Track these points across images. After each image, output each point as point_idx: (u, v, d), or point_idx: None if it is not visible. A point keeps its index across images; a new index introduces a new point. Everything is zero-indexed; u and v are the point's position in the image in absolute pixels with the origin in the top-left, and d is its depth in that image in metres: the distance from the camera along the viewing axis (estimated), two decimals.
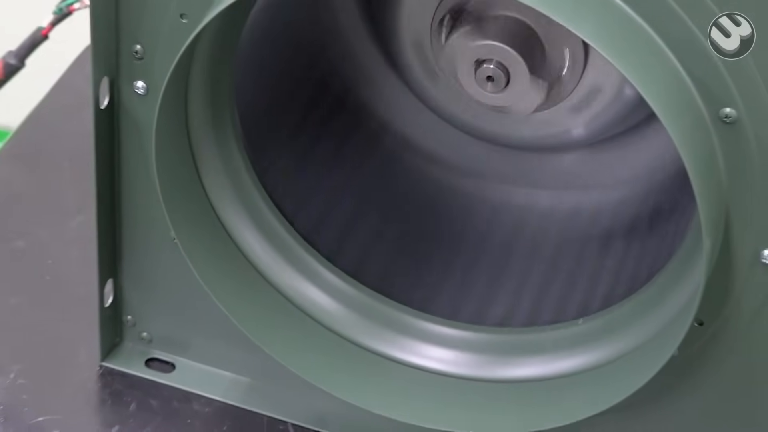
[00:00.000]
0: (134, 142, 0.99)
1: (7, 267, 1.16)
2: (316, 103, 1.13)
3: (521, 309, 1.05)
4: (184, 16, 0.91)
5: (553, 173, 1.12)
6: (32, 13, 1.20)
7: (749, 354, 0.92)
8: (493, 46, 0.94)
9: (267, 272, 1.03)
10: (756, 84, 0.82)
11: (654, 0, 0.81)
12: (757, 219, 0.86)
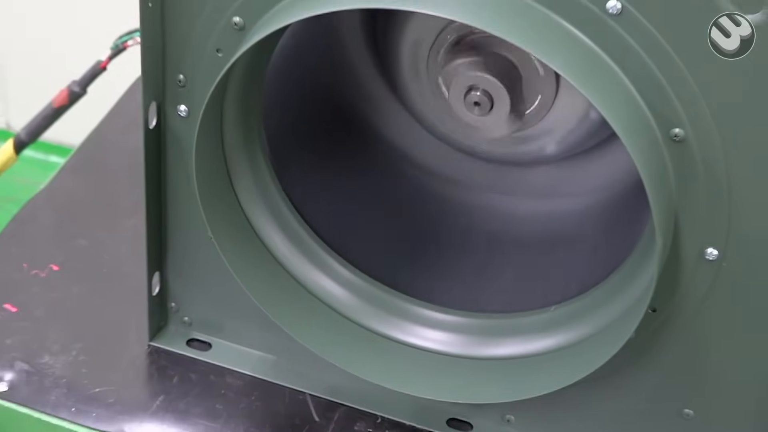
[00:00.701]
0: (177, 157, 0.99)
1: (71, 261, 1.16)
2: (331, 124, 1.12)
3: (503, 297, 1.05)
4: (220, 51, 0.92)
5: (530, 183, 1.12)
6: (93, 49, 1.20)
7: (695, 336, 0.92)
8: (481, 77, 0.94)
9: (288, 265, 1.03)
10: (701, 108, 0.82)
11: (614, 36, 0.81)
12: (701, 223, 0.86)
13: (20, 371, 1.04)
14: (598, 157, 1.07)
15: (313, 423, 1.03)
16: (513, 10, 0.83)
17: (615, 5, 0.80)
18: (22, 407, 1.02)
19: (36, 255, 1.16)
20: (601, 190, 1.08)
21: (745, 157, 0.83)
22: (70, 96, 1.25)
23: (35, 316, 1.10)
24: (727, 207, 0.85)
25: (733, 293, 0.89)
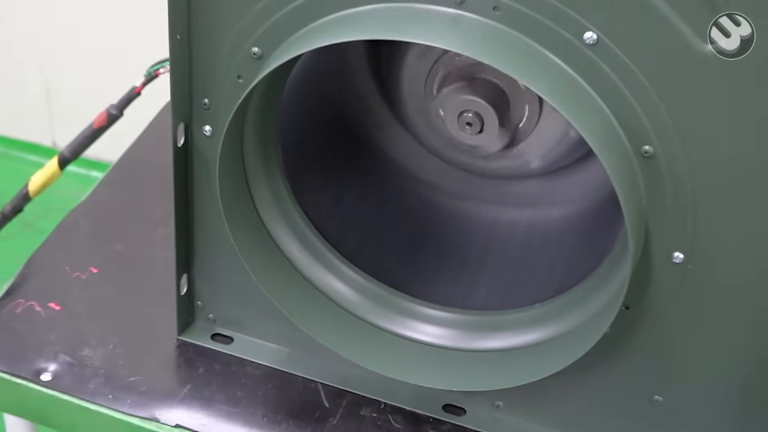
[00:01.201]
0: (203, 172, 0.99)
1: (108, 265, 1.16)
2: (340, 143, 1.12)
3: (492, 296, 1.04)
4: (240, 77, 0.92)
5: (517, 195, 1.11)
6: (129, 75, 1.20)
7: (663, 330, 0.92)
8: (472, 101, 0.95)
9: (302, 268, 1.03)
10: (668, 127, 0.82)
11: (590, 64, 0.82)
12: (669, 229, 0.86)
13: (63, 363, 1.05)
14: (577, 172, 1.07)
15: (323, 408, 1.03)
16: (500, 41, 0.83)
17: (591, 36, 0.81)
18: (65, 395, 1.02)
19: (77, 259, 1.16)
20: (580, 200, 1.07)
21: (707, 171, 0.83)
22: (109, 118, 1.25)
23: (76, 313, 1.10)
24: (692, 215, 0.85)
25: (697, 292, 0.89)
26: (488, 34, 0.83)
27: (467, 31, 0.83)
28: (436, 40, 0.84)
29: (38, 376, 1.03)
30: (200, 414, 1.01)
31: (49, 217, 1.24)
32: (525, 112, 0.98)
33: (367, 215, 1.11)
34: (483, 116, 0.95)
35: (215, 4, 0.90)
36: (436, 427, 1.02)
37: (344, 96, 1.11)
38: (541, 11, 0.81)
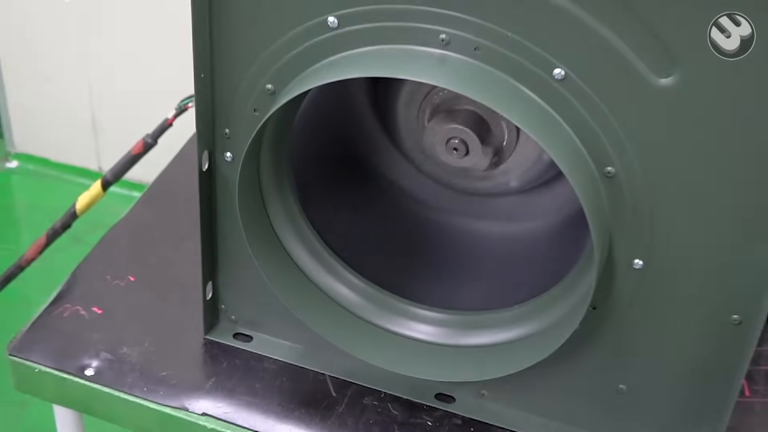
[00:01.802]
0: (225, 193, 0.99)
1: (144, 274, 1.16)
2: (344, 167, 1.12)
3: (477, 299, 1.04)
4: (256, 111, 0.92)
5: (498, 210, 1.11)
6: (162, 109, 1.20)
7: (626, 328, 0.92)
8: (458, 129, 0.95)
9: (311, 276, 1.03)
10: (627, 150, 0.82)
11: (559, 96, 0.82)
12: (629, 240, 0.87)
13: (104, 359, 1.04)
14: (549, 190, 1.06)
15: (331, 397, 1.02)
16: (481, 77, 0.83)
17: (560, 72, 0.81)
18: (106, 388, 1.02)
19: (117, 269, 1.16)
20: (552, 214, 1.07)
21: (661, 189, 0.84)
22: (145, 146, 1.26)
23: (116, 316, 1.10)
24: (650, 227, 0.85)
25: (654, 294, 0.89)
26: (470, 71, 0.83)
27: (452, 69, 0.84)
28: (425, 78, 0.84)
29: (82, 372, 1.03)
30: (223, 403, 1.01)
31: (94, 232, 1.24)
32: (504, 139, 0.98)
33: (368, 229, 1.10)
34: (467, 142, 0.95)
35: (233, 48, 0.91)
36: (429, 414, 1.01)
37: (348, 126, 1.11)
38: (515, 50, 0.81)
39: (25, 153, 2.64)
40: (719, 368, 0.90)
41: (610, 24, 0.78)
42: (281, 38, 0.88)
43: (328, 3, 0.85)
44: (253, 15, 0.88)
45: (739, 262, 0.85)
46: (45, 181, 2.58)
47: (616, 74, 0.79)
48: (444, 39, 0.83)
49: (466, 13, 0.81)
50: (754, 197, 0.81)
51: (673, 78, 0.78)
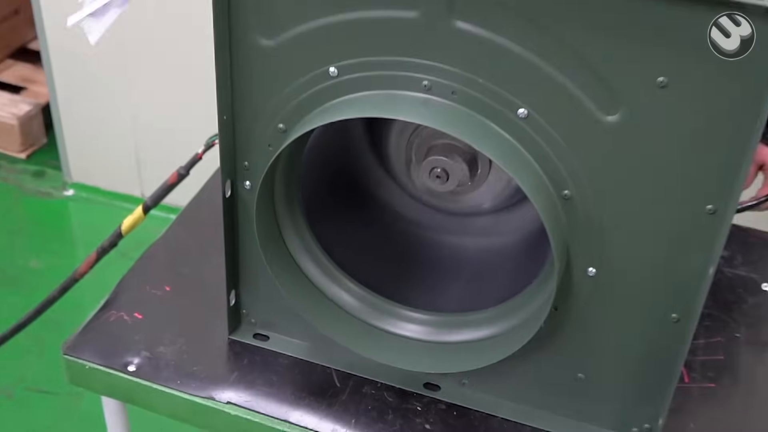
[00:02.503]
0: (245, 215, 0.99)
1: (178, 284, 1.15)
2: (345, 191, 1.12)
3: (458, 302, 1.03)
4: (271, 146, 0.92)
5: (475, 227, 1.11)
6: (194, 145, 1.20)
7: (583, 325, 0.92)
8: (439, 160, 0.95)
9: (317, 284, 1.02)
10: (581, 177, 0.82)
11: (523, 132, 0.82)
12: (584, 251, 0.87)
13: (144, 357, 1.04)
14: (517, 210, 1.06)
15: (335, 387, 1.02)
16: (458, 117, 0.83)
17: (523, 112, 0.81)
18: (145, 381, 1.02)
19: (155, 280, 1.16)
20: (521, 231, 1.07)
21: (609, 208, 0.84)
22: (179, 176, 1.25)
23: (154, 320, 1.10)
24: (600, 240, 0.85)
25: (605, 297, 0.89)
26: (449, 112, 0.83)
27: (434, 110, 0.84)
28: (411, 117, 0.85)
29: (126, 368, 1.03)
30: (245, 393, 1.01)
31: (137, 249, 1.24)
32: (479, 168, 0.98)
33: (366, 244, 1.10)
34: (447, 171, 0.95)
35: (250, 94, 0.91)
36: (418, 400, 1.01)
37: (348, 158, 1.11)
38: (485, 93, 0.81)
39: (80, 183, 2.64)
40: (662, 359, 0.90)
41: (565, 71, 0.78)
42: (291, 85, 0.88)
43: (329, 56, 0.85)
44: (266, 67, 0.88)
45: (675, 268, 0.85)
46: (96, 206, 2.57)
47: (570, 113, 0.80)
48: (426, 85, 0.83)
49: (444, 63, 0.82)
50: (686, 213, 0.81)
51: (617, 115, 0.78)
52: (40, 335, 1.41)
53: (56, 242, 2.47)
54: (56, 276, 1.22)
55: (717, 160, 0.77)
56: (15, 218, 2.53)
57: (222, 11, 0.86)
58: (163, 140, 2.43)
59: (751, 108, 0.74)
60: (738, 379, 1.06)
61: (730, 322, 1.13)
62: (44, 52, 2.44)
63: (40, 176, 2.67)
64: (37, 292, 1.27)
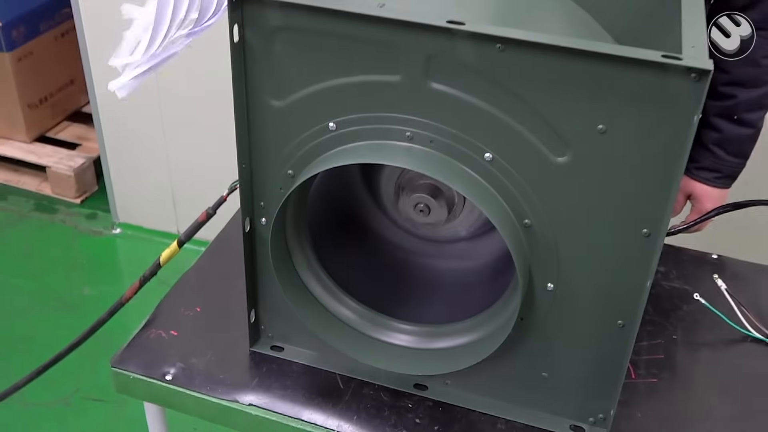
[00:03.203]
0: (262, 246, 0.99)
1: (207, 305, 1.15)
2: (344, 223, 1.11)
3: (440, 315, 1.02)
4: (282, 189, 0.92)
5: (454, 252, 1.10)
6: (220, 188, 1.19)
7: (545, 332, 0.92)
8: (422, 197, 0.95)
9: (323, 302, 1.01)
10: (538, 208, 0.83)
11: (489, 172, 0.82)
12: (543, 269, 0.86)
13: (178, 368, 1.04)
14: (488, 237, 1.05)
15: (339, 389, 1.01)
16: (436, 161, 0.83)
17: (489, 156, 0.81)
18: (180, 388, 1.02)
19: (188, 302, 1.15)
20: (491, 254, 1.06)
21: (563, 233, 0.84)
22: (207, 215, 1.24)
23: (187, 336, 1.09)
24: (557, 260, 0.85)
25: (563, 307, 0.89)
26: (428, 157, 0.84)
27: (416, 156, 0.84)
28: (397, 162, 0.85)
29: (164, 377, 1.03)
30: (263, 396, 1.00)
31: (174, 277, 1.23)
32: (455, 203, 0.98)
33: (362, 268, 1.08)
34: (429, 206, 0.95)
35: (264, 146, 0.91)
36: (409, 398, 1.01)
37: (347, 197, 1.10)
38: (457, 141, 0.82)
39: (126, 222, 2.64)
40: (611, 359, 0.90)
41: (522, 121, 0.79)
42: (297, 138, 0.89)
43: (328, 113, 0.86)
44: (277, 123, 0.89)
45: (620, 282, 0.85)
46: (139, 242, 2.57)
47: (527, 156, 0.80)
48: (409, 135, 0.84)
49: (422, 117, 0.82)
50: (626, 236, 0.81)
51: (566, 157, 0.79)
52: (92, 352, 1.40)
53: (106, 273, 2.47)
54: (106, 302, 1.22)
55: (649, 191, 0.78)
56: (72, 254, 2.53)
57: (239, 78, 0.87)
58: (195, 185, 2.44)
59: (674, 148, 0.75)
60: (676, 374, 1.06)
61: (668, 327, 1.13)
62: (95, 115, 2.45)
63: (92, 218, 2.67)
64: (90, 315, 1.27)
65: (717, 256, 1.26)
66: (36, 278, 2.40)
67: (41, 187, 2.74)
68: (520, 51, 0.75)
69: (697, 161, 1.28)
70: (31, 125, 2.78)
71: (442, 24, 0.76)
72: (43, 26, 2.72)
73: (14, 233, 2.59)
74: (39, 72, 2.73)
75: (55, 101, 2.84)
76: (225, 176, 1.20)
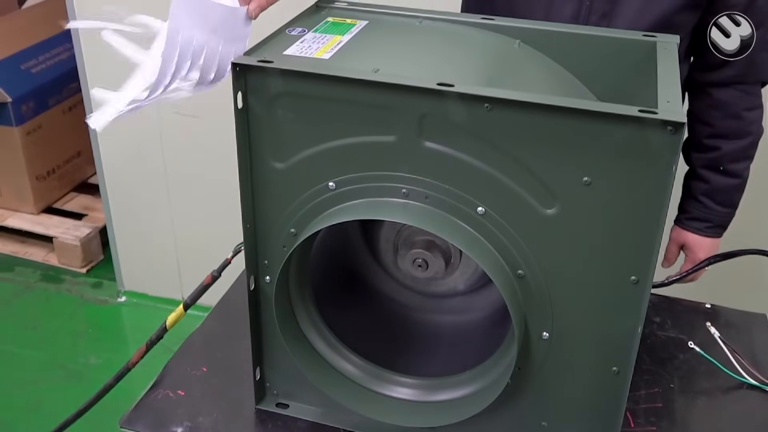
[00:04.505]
0: (266, 304, 0.99)
1: (213, 365, 1.15)
2: (346, 280, 1.11)
3: (440, 367, 1.02)
4: (285, 247, 0.93)
5: (451, 307, 1.10)
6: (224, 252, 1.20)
7: (542, 380, 0.92)
8: (419, 252, 0.97)
9: (326, 358, 1.01)
10: (531, 259, 0.84)
11: (482, 226, 0.84)
12: (538, 319, 0.87)
13: (186, 427, 1.04)
14: (484, 291, 1.06)
15: None
16: (431, 216, 0.85)
17: (481, 210, 0.83)
18: None
19: (194, 362, 1.16)
20: (488, 307, 1.06)
21: (556, 283, 0.85)
22: (213, 278, 1.24)
23: (194, 396, 1.09)
24: (550, 309, 0.87)
25: (558, 356, 0.89)
26: (424, 212, 0.86)
27: (412, 212, 0.86)
28: (395, 218, 0.87)
29: None
30: None
31: (179, 343, 1.24)
32: (451, 257, 0.99)
33: (364, 323, 1.08)
34: (427, 260, 0.97)
35: (268, 206, 0.93)
36: None
37: (348, 254, 1.10)
38: (451, 197, 0.84)
39: (131, 290, 2.66)
40: (608, 406, 0.90)
41: (511, 176, 0.81)
42: (299, 198, 0.90)
43: (328, 173, 0.88)
44: (279, 184, 0.91)
45: (612, 329, 0.86)
46: (144, 309, 2.59)
47: (518, 209, 0.82)
48: (405, 192, 0.86)
49: (417, 174, 0.85)
50: (616, 283, 0.83)
51: (554, 209, 0.81)
52: (99, 419, 1.40)
53: (112, 341, 2.48)
54: (111, 370, 1.21)
55: (634, 239, 0.80)
56: (77, 323, 2.54)
57: (244, 142, 0.90)
58: (199, 252, 2.45)
59: (656, 198, 0.78)
60: (675, 422, 1.07)
61: (665, 375, 1.14)
62: (102, 185, 2.50)
63: (98, 287, 2.69)
64: (96, 384, 1.26)
65: (710, 306, 1.28)
66: (42, 348, 2.40)
67: (48, 258, 2.78)
68: (507, 109, 0.78)
69: (687, 212, 1.32)
70: (39, 197, 2.83)
71: (432, 86, 0.79)
72: (52, 101, 2.80)
73: (21, 304, 2.61)
74: (47, 145, 2.79)
75: (62, 173, 2.90)
76: (228, 243, 1.21)
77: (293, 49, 0.92)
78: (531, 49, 1.03)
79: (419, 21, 1.06)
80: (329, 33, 0.97)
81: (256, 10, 0.91)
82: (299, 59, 0.90)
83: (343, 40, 0.95)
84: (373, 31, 1.00)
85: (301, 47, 0.93)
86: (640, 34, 1.01)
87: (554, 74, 1.01)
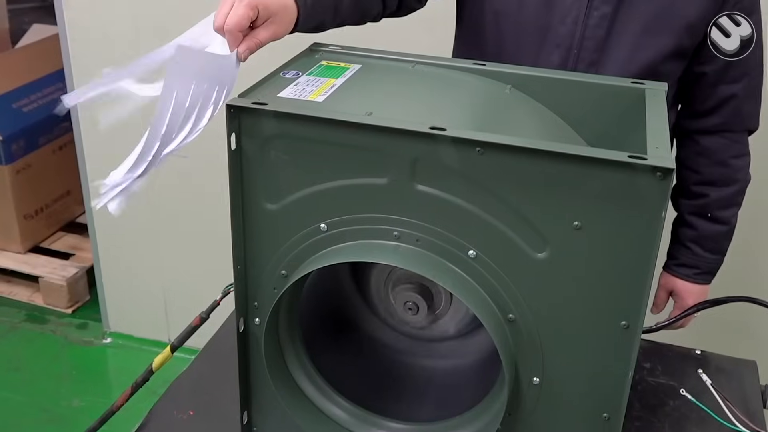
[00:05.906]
0: (255, 347, 0.99)
1: (200, 409, 1.14)
2: (336, 324, 1.11)
3: (430, 412, 1.02)
4: (275, 289, 0.93)
5: (442, 351, 1.09)
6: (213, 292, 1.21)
7: (532, 426, 0.91)
8: (410, 295, 0.97)
9: (315, 402, 1.01)
10: (521, 303, 0.84)
11: (473, 269, 0.84)
12: (528, 363, 0.87)
13: None
14: (475, 335, 1.05)
15: None
16: (422, 259, 0.86)
17: (472, 253, 0.84)
18: None
19: (180, 406, 1.15)
20: (478, 351, 1.06)
21: (545, 326, 0.85)
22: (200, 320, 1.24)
23: None
24: (541, 353, 0.86)
25: (549, 401, 0.89)
26: (415, 255, 0.86)
27: (403, 254, 0.86)
28: (386, 261, 0.87)
29: None
30: None
31: (164, 386, 1.23)
32: (442, 300, 0.99)
33: (353, 366, 1.08)
34: (418, 304, 0.97)
35: (259, 248, 0.93)
36: None
37: (338, 297, 1.10)
38: (442, 239, 0.85)
39: (117, 332, 2.64)
40: None
41: (502, 220, 0.82)
42: (290, 240, 0.91)
43: (319, 215, 0.88)
44: (270, 226, 0.91)
45: (602, 374, 0.85)
46: (130, 351, 2.57)
47: (509, 252, 0.83)
48: (396, 235, 0.86)
49: (409, 217, 0.85)
50: (606, 328, 0.83)
51: (545, 253, 0.82)
52: None
53: (96, 384, 2.45)
54: (94, 413, 1.20)
55: (624, 284, 0.81)
56: (61, 364, 2.51)
57: (236, 183, 0.90)
58: (186, 293, 2.45)
59: (645, 243, 0.79)
60: None
61: (656, 422, 1.13)
62: (90, 225, 2.50)
63: (83, 327, 2.67)
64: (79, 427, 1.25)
65: (700, 352, 1.28)
66: (24, 390, 2.37)
67: (33, 297, 2.76)
68: (498, 153, 0.79)
69: (676, 258, 1.33)
70: (26, 236, 2.82)
71: (425, 129, 0.80)
72: (42, 140, 2.81)
73: (4, 344, 2.58)
74: (36, 184, 2.80)
75: (50, 212, 2.90)
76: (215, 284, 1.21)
77: (287, 92, 0.93)
78: (522, 95, 1.04)
79: (412, 65, 1.07)
80: (323, 76, 0.99)
81: (245, 53, 0.93)
82: (293, 101, 0.91)
83: (336, 84, 0.97)
84: (367, 75, 1.02)
85: (295, 90, 0.94)
86: (629, 80, 1.03)
87: (545, 119, 1.02)
